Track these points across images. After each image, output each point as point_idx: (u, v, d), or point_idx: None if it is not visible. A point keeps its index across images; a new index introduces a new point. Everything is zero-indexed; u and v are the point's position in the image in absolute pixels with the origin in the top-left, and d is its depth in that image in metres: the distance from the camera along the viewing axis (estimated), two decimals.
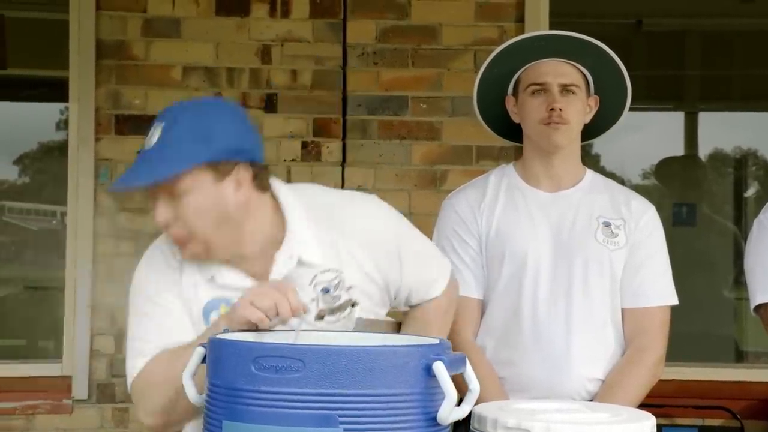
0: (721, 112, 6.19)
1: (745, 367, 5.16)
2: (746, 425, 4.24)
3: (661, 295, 2.66)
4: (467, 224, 2.68)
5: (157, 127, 2.03)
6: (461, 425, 1.88)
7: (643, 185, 5.84)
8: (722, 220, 5.86)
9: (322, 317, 2.08)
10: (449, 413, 1.62)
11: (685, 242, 5.20)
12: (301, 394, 1.57)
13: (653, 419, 1.78)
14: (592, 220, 2.65)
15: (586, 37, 2.65)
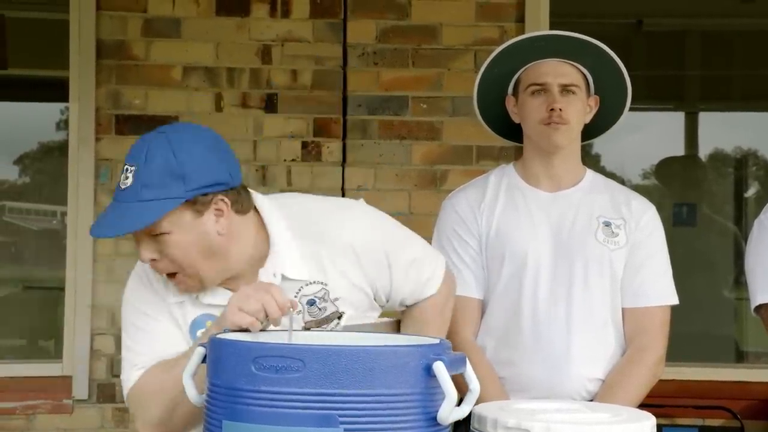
0: (721, 112, 6.19)
1: (745, 367, 5.16)
2: (746, 425, 4.24)
3: (661, 294, 2.66)
4: (467, 224, 2.67)
5: (129, 168, 2.00)
6: (461, 425, 1.88)
7: (643, 185, 5.83)
8: (722, 220, 5.85)
9: (308, 330, 2.06)
10: (449, 413, 1.62)
11: (685, 242, 5.20)
12: (301, 394, 1.56)
13: (653, 419, 1.78)
14: (592, 219, 2.65)
15: (586, 37, 2.65)
